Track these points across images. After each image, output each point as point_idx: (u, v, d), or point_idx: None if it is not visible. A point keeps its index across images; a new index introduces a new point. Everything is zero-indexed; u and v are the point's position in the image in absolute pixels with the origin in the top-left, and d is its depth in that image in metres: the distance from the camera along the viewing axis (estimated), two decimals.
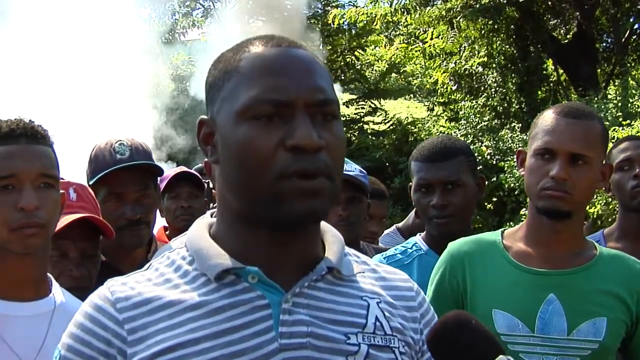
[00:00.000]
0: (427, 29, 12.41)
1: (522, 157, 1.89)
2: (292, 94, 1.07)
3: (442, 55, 12.49)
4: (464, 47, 12.09)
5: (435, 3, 11.81)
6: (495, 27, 11.39)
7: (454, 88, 12.70)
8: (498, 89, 11.78)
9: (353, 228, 2.57)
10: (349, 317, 1.12)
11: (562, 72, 11.99)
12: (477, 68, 12.09)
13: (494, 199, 9.54)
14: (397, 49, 15.46)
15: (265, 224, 1.09)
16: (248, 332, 1.06)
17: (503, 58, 11.68)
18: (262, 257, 1.10)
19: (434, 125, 13.52)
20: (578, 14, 11.53)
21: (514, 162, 5.06)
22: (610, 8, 11.40)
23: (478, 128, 11.16)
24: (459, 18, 11.25)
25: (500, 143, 10.00)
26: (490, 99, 11.87)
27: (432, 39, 12.51)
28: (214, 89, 1.14)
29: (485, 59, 11.86)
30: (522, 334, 1.76)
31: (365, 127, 15.72)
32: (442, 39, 12.40)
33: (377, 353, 1.10)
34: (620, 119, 8.19)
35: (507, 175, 8.83)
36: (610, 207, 6.55)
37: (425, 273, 2.02)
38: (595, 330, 1.74)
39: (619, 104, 9.25)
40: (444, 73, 12.49)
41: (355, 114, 16.13)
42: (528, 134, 1.95)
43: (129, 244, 2.34)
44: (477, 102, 12.09)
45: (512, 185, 8.79)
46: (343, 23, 14.21)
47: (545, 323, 1.75)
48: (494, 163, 9.64)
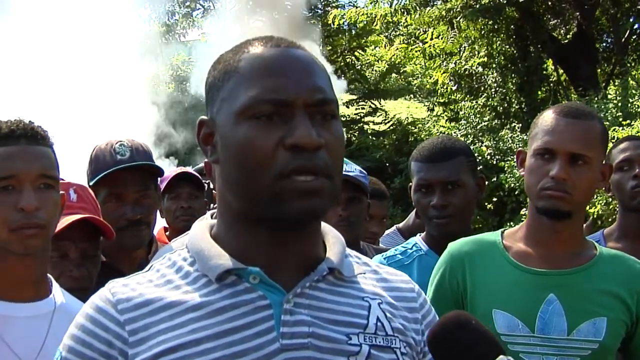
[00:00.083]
0: (427, 29, 12.42)
1: (522, 157, 1.89)
2: (291, 94, 1.07)
3: (442, 56, 12.49)
4: (464, 47, 12.09)
5: (435, 3, 11.81)
6: (495, 27, 11.39)
7: (454, 88, 12.70)
8: (498, 89, 11.77)
9: (353, 228, 2.57)
10: (351, 317, 1.12)
11: (562, 72, 11.99)
12: (477, 68, 12.09)
13: (494, 199, 9.54)
14: (397, 49, 15.45)
15: (266, 224, 1.10)
16: (249, 332, 1.06)
17: (503, 58, 11.68)
18: (262, 257, 1.11)
19: (434, 126, 13.53)
20: (578, 14, 11.53)
21: (514, 162, 5.05)
22: (610, 8, 11.40)
23: (478, 128, 11.17)
24: (459, 18, 11.25)
25: (501, 143, 10.00)
26: (491, 99, 11.87)
27: (432, 39, 12.51)
28: (214, 90, 1.14)
29: (485, 59, 11.86)
30: (522, 334, 1.76)
31: (366, 127, 15.73)
32: (442, 39, 12.40)
33: (378, 353, 1.10)
34: (620, 119, 8.20)
35: (507, 176, 8.83)
36: (611, 207, 6.55)
37: (425, 273, 2.02)
38: (595, 330, 1.74)
39: (619, 104, 9.25)
40: (444, 73, 12.49)
41: (356, 114, 16.13)
42: (528, 134, 1.95)
43: (130, 245, 2.34)
44: (477, 102, 12.09)
45: (512, 186, 8.79)
46: (343, 23, 14.22)
47: (545, 323, 1.75)
48: (494, 163, 9.64)
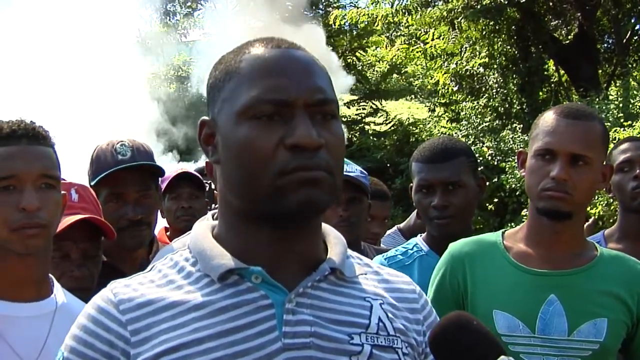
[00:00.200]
0: (428, 30, 12.43)
1: (522, 157, 1.89)
2: (292, 94, 1.07)
3: (443, 56, 12.50)
4: (465, 47, 12.10)
5: (437, 4, 11.81)
6: (497, 27, 11.39)
7: (455, 89, 12.71)
8: (499, 90, 11.77)
9: (354, 228, 2.57)
10: (352, 317, 1.12)
11: (563, 72, 11.99)
12: (478, 69, 12.10)
13: (495, 200, 9.54)
14: (398, 50, 15.45)
15: (267, 223, 1.10)
16: (251, 331, 1.07)
17: (504, 59, 11.68)
18: (264, 257, 1.11)
19: (435, 126, 13.54)
20: (579, 15, 11.53)
21: (515, 162, 5.06)
22: (612, 9, 11.40)
23: (479, 129, 11.16)
24: (460, 19, 11.26)
25: (502, 144, 10.00)
26: (492, 100, 11.87)
27: (433, 40, 12.52)
28: (215, 90, 1.15)
29: (487, 60, 11.87)
30: (522, 335, 1.76)
31: (367, 127, 15.71)
32: (443, 40, 12.42)
33: (380, 353, 1.11)
34: (621, 120, 8.20)
35: (508, 176, 8.83)
36: (612, 208, 6.54)
37: (426, 274, 2.02)
38: (596, 331, 1.74)
39: (620, 105, 9.23)
40: (445, 74, 12.50)
41: (357, 115, 16.11)
42: (529, 135, 1.95)
43: (130, 245, 2.34)
44: (478, 102, 12.09)
45: (513, 186, 8.79)
46: (344, 24, 14.22)
47: (546, 324, 1.75)
48: (495, 164, 9.64)
